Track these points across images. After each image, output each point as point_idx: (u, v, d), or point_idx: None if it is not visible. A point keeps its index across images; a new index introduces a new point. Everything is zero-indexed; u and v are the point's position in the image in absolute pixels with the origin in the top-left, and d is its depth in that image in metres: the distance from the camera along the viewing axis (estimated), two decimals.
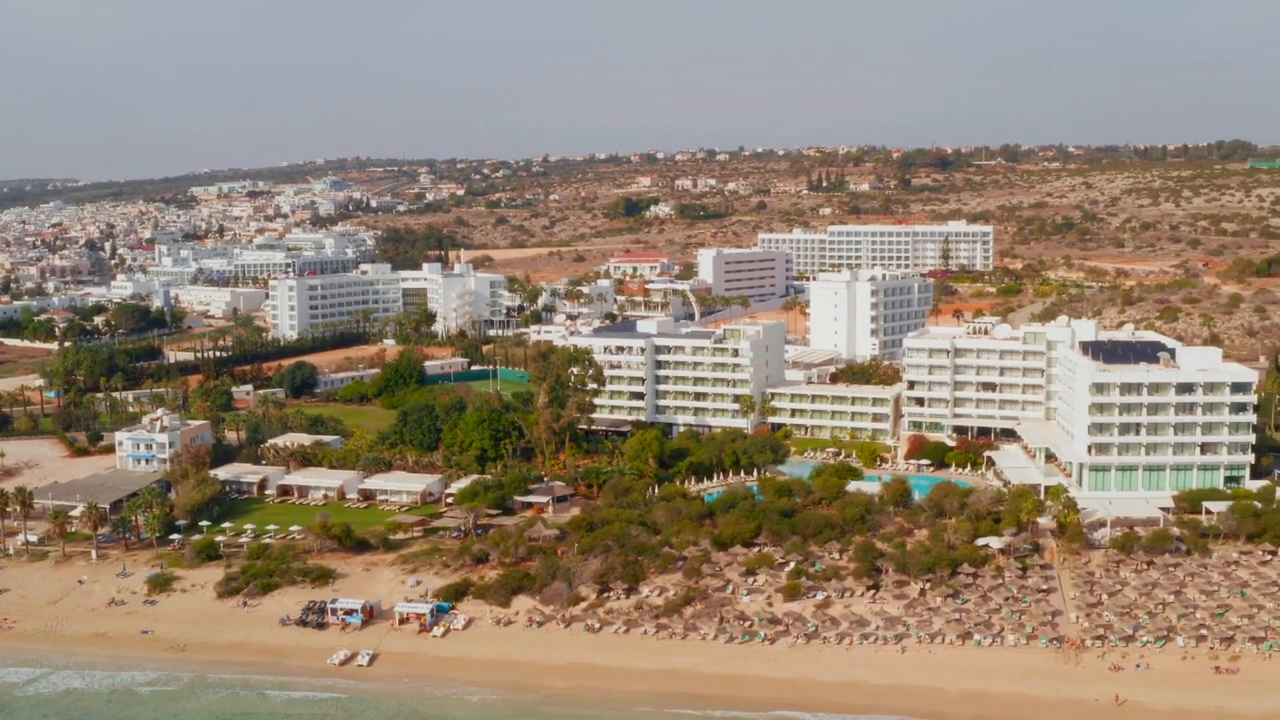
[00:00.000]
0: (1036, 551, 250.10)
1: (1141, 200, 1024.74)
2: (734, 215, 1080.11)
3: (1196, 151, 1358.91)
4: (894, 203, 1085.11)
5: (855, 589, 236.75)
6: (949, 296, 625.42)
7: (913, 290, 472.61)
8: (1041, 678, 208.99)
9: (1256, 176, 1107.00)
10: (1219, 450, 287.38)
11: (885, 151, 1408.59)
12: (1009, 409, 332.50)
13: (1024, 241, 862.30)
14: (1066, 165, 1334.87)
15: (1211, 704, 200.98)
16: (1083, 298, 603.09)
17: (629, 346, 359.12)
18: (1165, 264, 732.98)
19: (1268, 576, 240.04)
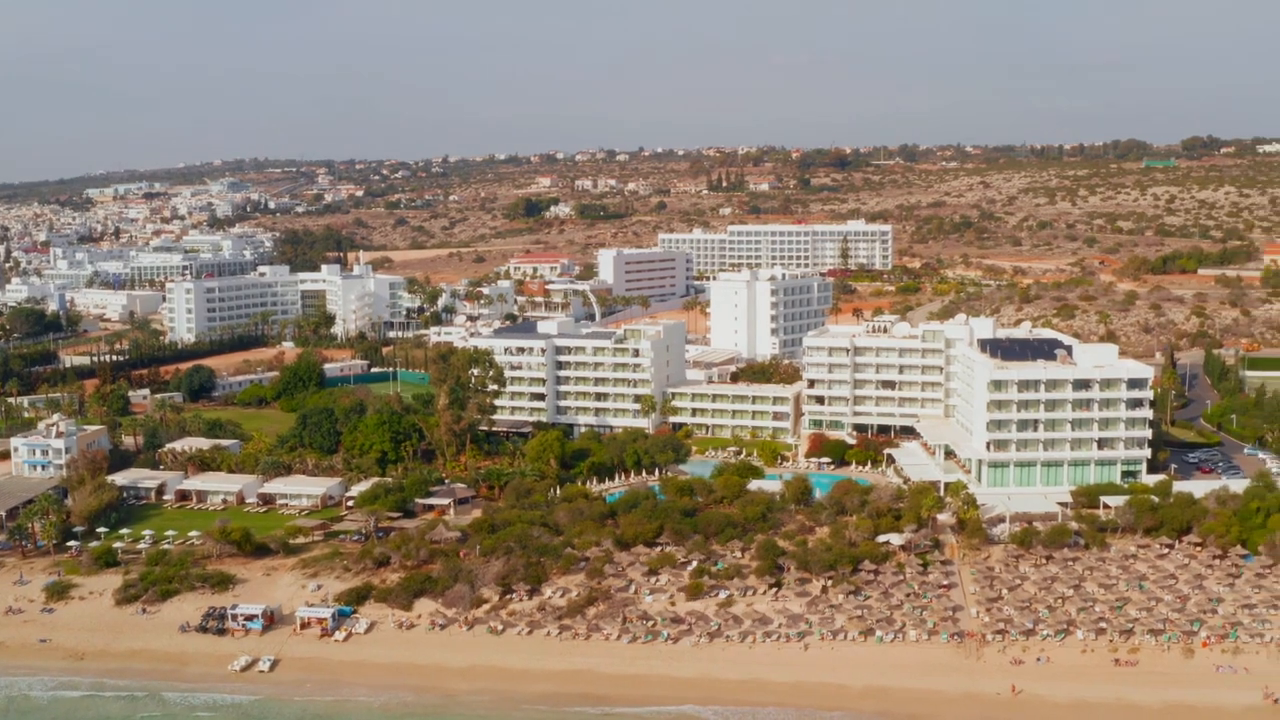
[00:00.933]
0: (937, 548, 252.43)
1: (1038, 199, 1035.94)
2: (634, 215, 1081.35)
3: (1093, 151, 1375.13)
4: (793, 202, 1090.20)
5: (758, 587, 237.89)
6: (848, 295, 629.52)
7: (812, 289, 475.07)
8: (943, 672, 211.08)
9: (1151, 175, 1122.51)
10: (1116, 445, 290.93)
11: (785, 151, 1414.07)
12: (908, 407, 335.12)
13: (922, 240, 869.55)
14: (964, 165, 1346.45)
15: (1112, 696, 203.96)
16: (980, 296, 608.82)
17: (529, 347, 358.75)
18: (1062, 262, 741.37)
19: (1165, 569, 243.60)
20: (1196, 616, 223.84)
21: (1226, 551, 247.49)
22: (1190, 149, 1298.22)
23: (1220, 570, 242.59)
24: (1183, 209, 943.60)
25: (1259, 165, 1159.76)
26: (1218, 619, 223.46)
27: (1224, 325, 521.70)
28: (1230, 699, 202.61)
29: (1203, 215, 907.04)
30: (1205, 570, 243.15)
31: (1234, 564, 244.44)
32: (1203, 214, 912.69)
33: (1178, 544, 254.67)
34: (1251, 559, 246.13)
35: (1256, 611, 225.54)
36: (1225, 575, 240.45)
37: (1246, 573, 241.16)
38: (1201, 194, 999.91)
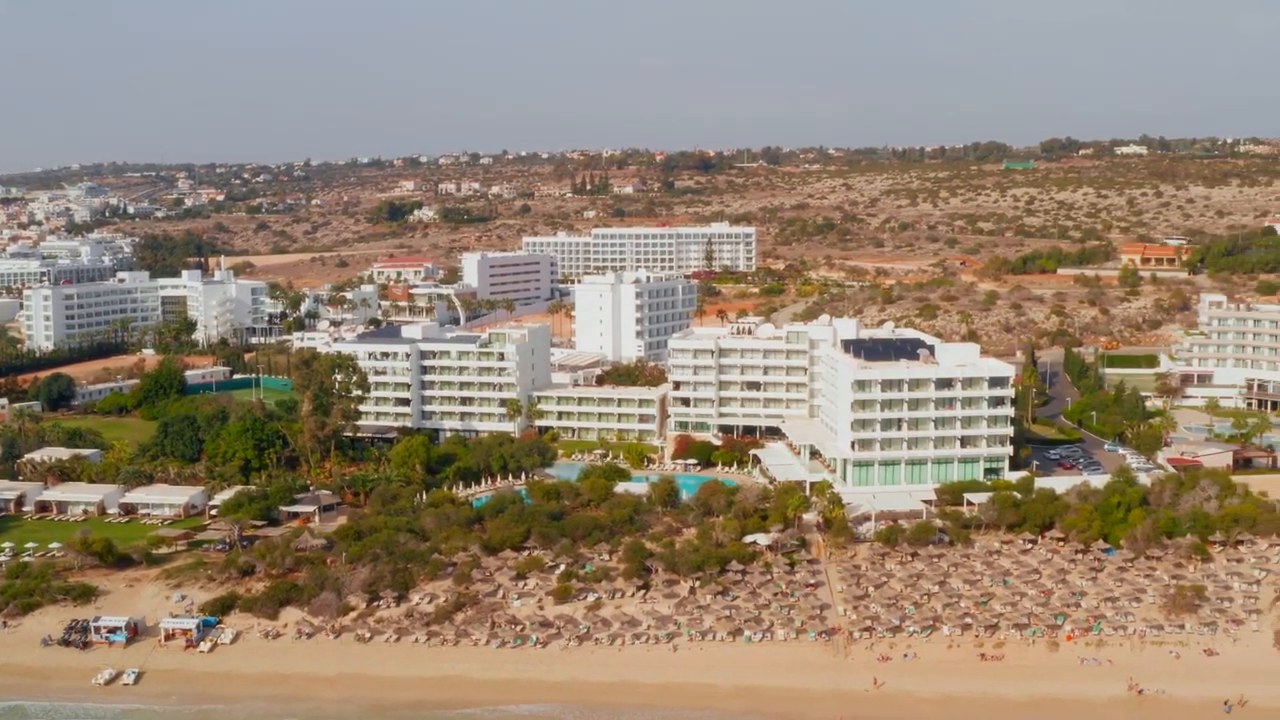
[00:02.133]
0: (803, 547, 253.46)
1: (900, 201, 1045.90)
2: (498, 219, 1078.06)
3: (953, 153, 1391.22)
4: (658, 205, 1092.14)
5: (626, 589, 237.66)
6: (713, 297, 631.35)
7: (677, 292, 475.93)
8: (811, 670, 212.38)
9: (1011, 177, 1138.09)
10: (979, 443, 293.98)
11: (649, 154, 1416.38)
12: (773, 407, 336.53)
13: (786, 242, 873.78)
14: (827, 167, 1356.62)
15: (978, 690, 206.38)
16: (844, 297, 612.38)
17: (393, 352, 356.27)
18: (924, 263, 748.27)
19: (1029, 565, 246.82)
20: (1060, 610, 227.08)
21: (1089, 546, 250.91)
22: (1049, 151, 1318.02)
23: (1083, 564, 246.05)
24: (1042, 210, 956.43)
25: (1116, 167, 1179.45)
26: (1081, 612, 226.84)
27: (1083, 324, 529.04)
28: (1095, 690, 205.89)
29: (1062, 216, 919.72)
30: (1068, 565, 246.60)
31: (1096, 558, 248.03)
32: (1062, 215, 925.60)
33: (1041, 539, 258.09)
34: (1113, 553, 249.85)
35: (1119, 604, 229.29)
36: (1088, 569, 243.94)
37: (1108, 566, 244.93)
38: (1060, 195, 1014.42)
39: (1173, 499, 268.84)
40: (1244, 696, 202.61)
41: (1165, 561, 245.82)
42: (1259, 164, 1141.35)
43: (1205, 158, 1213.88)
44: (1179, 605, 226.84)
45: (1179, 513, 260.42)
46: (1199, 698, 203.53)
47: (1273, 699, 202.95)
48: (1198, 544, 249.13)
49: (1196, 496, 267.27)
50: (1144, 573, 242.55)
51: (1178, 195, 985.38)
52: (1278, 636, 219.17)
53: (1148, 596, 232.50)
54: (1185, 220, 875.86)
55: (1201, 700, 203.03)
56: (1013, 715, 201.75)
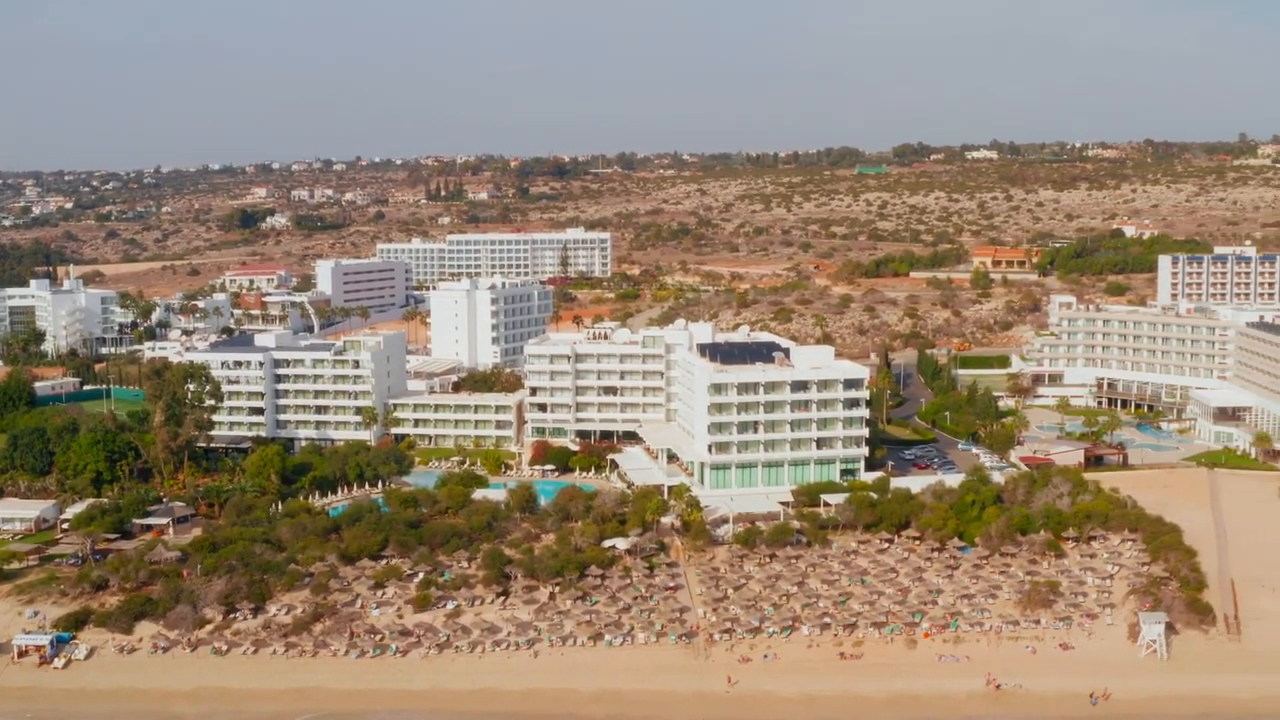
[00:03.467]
0: (662, 550, 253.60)
1: (754, 206, 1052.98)
2: (352, 226, 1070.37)
3: (807, 158, 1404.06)
4: (513, 211, 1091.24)
5: (485, 596, 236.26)
6: (569, 303, 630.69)
7: (533, 298, 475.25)
8: (673, 673, 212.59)
9: (864, 182, 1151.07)
10: (834, 444, 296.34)
11: (504, 160, 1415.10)
12: (631, 412, 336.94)
13: (641, 248, 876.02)
14: (681, 173, 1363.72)
15: (838, 689, 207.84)
16: (699, 301, 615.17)
17: (247, 361, 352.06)
18: (778, 267, 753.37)
19: (886, 564, 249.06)
20: (918, 608, 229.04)
21: (944, 544, 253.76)
22: (901, 156, 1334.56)
23: (939, 562, 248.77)
24: (894, 214, 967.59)
25: (967, 171, 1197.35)
26: (938, 610, 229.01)
27: (936, 326, 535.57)
28: (954, 686, 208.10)
29: (914, 220, 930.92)
30: (924, 563, 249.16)
31: (952, 556, 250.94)
32: (914, 219, 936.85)
33: (897, 538, 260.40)
34: (968, 550, 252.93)
35: (975, 601, 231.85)
36: (944, 567, 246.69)
37: (964, 564, 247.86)
38: (912, 199, 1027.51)
39: (1026, 496, 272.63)
40: (1108, 690, 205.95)
41: (1020, 558, 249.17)
42: (1107, 168, 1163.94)
43: (1054, 162, 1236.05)
44: (1034, 601, 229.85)
45: (1032, 510, 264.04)
46: (1055, 691, 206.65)
47: (1129, 691, 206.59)
48: (1051, 540, 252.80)
49: (1049, 494, 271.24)
50: (999, 569, 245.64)
51: (1028, 199, 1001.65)
52: (1131, 630, 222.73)
53: (1003, 593, 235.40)
54: (1035, 223, 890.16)
55: (1058, 694, 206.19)
56: (873, 712, 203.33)
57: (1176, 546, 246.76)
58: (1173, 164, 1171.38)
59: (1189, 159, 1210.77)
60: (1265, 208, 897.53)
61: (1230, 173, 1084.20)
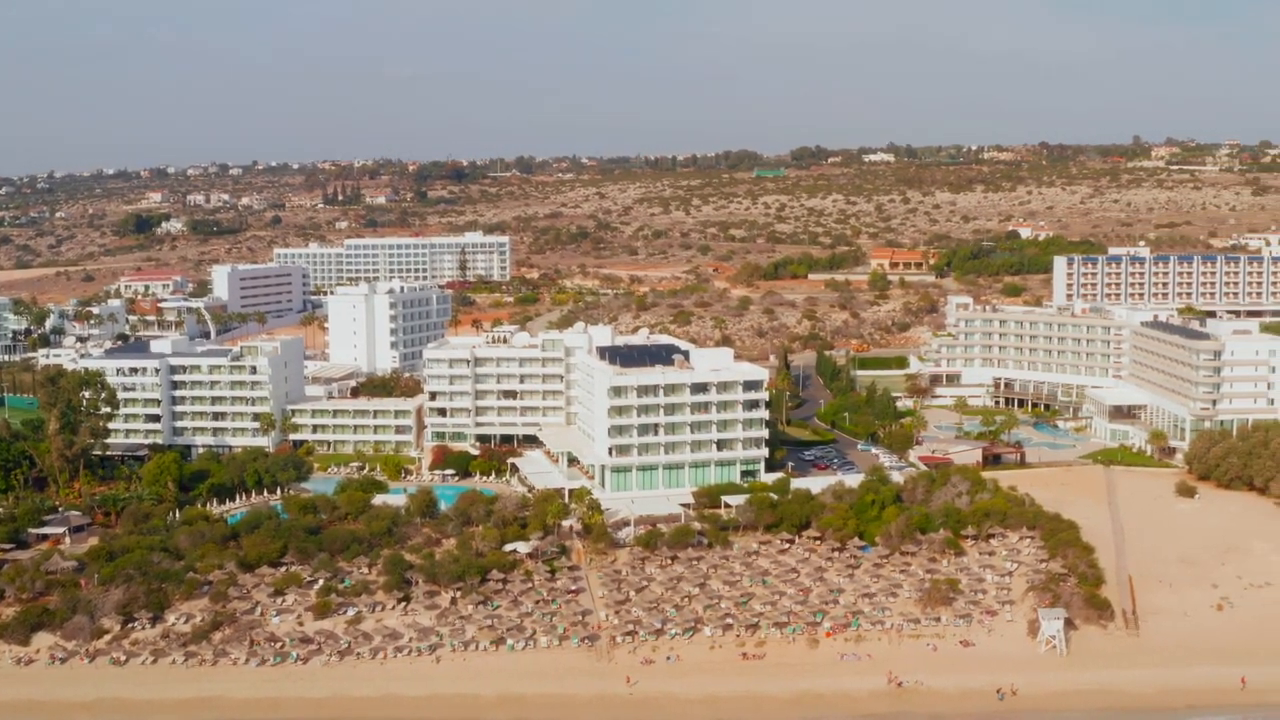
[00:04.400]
0: (564, 553, 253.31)
1: (653, 209, 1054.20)
2: (249, 230, 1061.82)
3: (705, 162, 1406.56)
4: (411, 215, 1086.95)
5: (386, 602, 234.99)
6: (468, 307, 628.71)
7: (431, 302, 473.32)
8: (576, 676, 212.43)
9: (762, 185, 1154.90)
10: (735, 446, 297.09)
11: (401, 164, 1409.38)
12: (531, 415, 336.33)
13: (540, 251, 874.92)
14: (580, 176, 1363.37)
15: (741, 689, 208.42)
16: (599, 305, 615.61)
17: (142, 367, 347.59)
18: (677, 270, 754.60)
19: (787, 564, 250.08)
20: (819, 608, 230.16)
21: (845, 544, 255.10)
22: (799, 159, 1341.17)
23: (840, 562, 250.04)
24: (793, 217, 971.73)
25: (864, 174, 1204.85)
26: (839, 609, 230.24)
27: (834, 327, 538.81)
28: (856, 685, 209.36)
29: (812, 222, 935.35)
30: (825, 563, 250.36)
31: (852, 555, 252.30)
32: (812, 221, 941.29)
33: (798, 539, 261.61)
34: (869, 549, 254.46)
35: (876, 600, 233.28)
36: (844, 567, 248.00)
37: (865, 563, 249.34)
38: (810, 202, 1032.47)
39: (925, 496, 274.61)
40: (1015, 686, 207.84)
41: (920, 557, 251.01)
42: (1002, 170, 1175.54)
43: (951, 164, 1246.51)
44: (934, 599, 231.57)
45: (931, 509, 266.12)
46: (957, 688, 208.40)
47: (1030, 686, 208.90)
48: (950, 539, 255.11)
49: (948, 493, 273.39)
50: (899, 568, 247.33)
51: (924, 201, 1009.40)
52: (1031, 626, 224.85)
53: (904, 591, 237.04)
54: (932, 225, 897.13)
55: (959, 690, 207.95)
56: (775, 712, 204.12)
57: (1074, 543, 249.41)
58: (1068, 166, 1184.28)
59: (1084, 161, 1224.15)
60: (1158, 209, 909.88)
61: (1124, 175, 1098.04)
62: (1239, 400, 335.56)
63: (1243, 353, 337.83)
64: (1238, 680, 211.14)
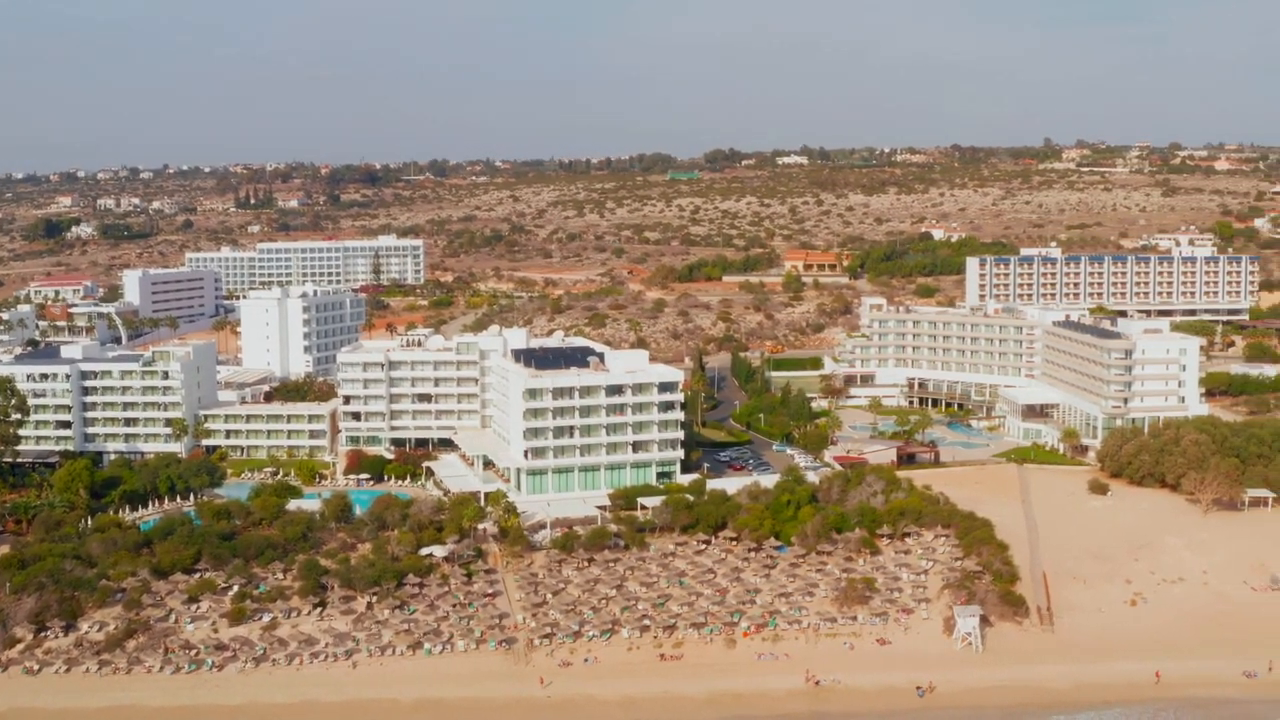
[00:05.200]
0: (480, 557, 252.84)
1: (568, 212, 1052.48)
2: (160, 235, 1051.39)
3: (620, 164, 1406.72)
4: (324, 218, 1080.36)
5: (302, 608, 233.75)
6: (382, 311, 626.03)
7: (345, 306, 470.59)
8: (494, 680, 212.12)
9: (676, 187, 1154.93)
10: (650, 448, 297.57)
11: (314, 168, 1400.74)
12: (446, 419, 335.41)
13: (454, 254, 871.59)
14: (494, 179, 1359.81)
15: (659, 690, 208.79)
16: (513, 308, 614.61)
17: (53, 373, 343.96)
18: (592, 272, 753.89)
19: (704, 565, 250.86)
20: (736, 608, 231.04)
21: (761, 544, 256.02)
22: (713, 162, 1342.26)
23: (756, 562, 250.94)
24: (707, 219, 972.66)
25: (778, 176, 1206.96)
26: (756, 609, 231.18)
27: (749, 329, 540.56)
28: (773, 684, 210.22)
29: (726, 225, 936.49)
30: (742, 563, 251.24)
31: (769, 555, 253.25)
32: (726, 223, 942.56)
33: (714, 539, 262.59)
34: (785, 549, 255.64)
35: (793, 599, 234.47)
36: (761, 567, 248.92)
37: (781, 563, 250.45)
38: (724, 204, 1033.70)
39: (840, 495, 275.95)
40: (933, 683, 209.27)
41: (836, 556, 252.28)
42: (915, 172, 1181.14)
43: (864, 167, 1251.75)
44: (850, 598, 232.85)
45: (847, 508, 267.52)
46: (874, 686, 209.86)
47: (946, 683, 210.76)
48: (866, 538, 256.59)
49: (863, 492, 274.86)
50: (815, 568, 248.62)
51: (838, 203, 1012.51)
52: (947, 624, 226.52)
53: (820, 591, 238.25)
54: (845, 227, 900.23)
55: (877, 688, 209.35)
56: (693, 712, 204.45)
57: (989, 541, 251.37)
58: (979, 168, 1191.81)
59: (995, 164, 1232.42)
60: (1069, 210, 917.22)
61: (1035, 176, 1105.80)
62: (1150, 398, 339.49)
63: (1153, 351, 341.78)
64: (1152, 675, 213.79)
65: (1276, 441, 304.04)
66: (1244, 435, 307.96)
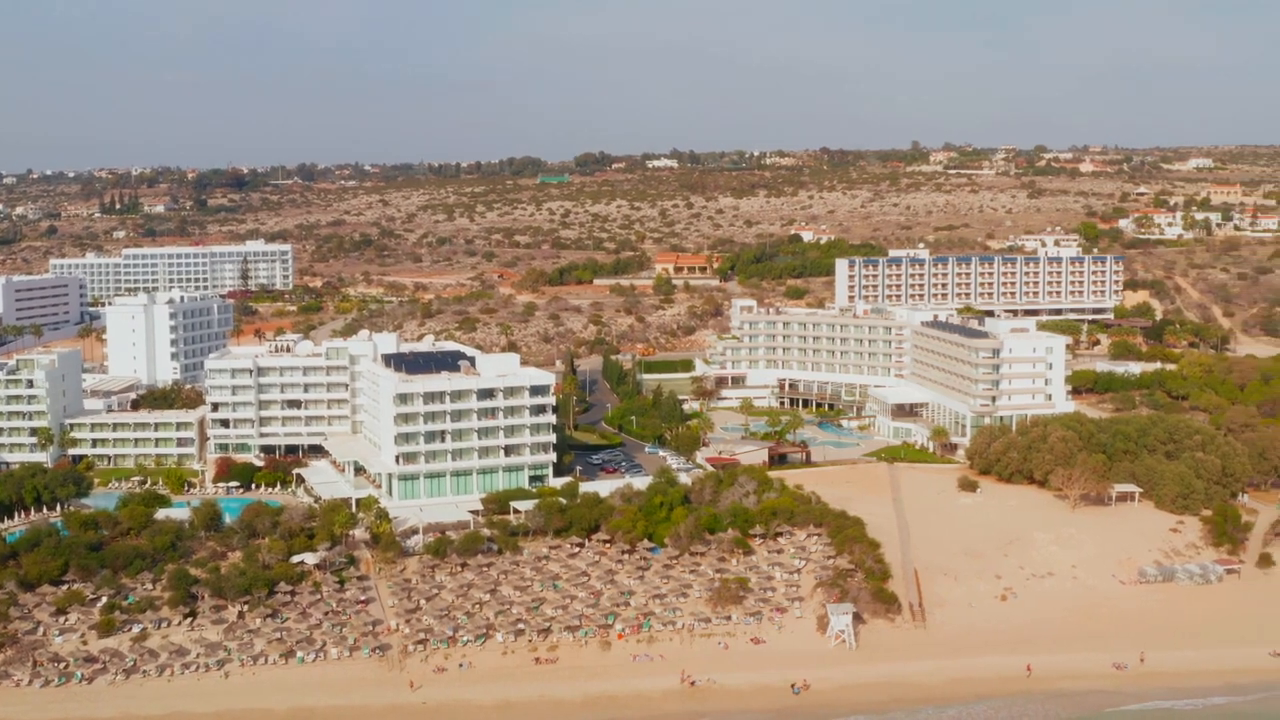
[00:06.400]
0: (352, 564, 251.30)
1: (437, 216, 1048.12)
2: (23, 241, 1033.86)
3: (489, 168, 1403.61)
4: (191, 224, 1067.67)
5: (172, 618, 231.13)
6: (250, 317, 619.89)
7: (213, 311, 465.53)
8: (368, 687, 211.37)
9: (546, 191, 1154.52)
10: (523, 451, 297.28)
11: (180, 172, 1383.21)
12: (316, 425, 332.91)
13: (323, 259, 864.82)
14: (363, 184, 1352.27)
15: (535, 694, 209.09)
16: (383, 312, 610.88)
17: None
18: (462, 276, 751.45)
19: (577, 568, 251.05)
20: (611, 610, 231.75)
21: (634, 546, 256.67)
22: (583, 165, 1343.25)
23: (630, 564, 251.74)
24: (577, 222, 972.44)
25: (648, 179, 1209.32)
26: (631, 611, 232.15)
27: (620, 332, 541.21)
28: (649, 685, 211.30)
29: (597, 228, 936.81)
30: (615, 565, 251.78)
31: (642, 557, 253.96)
32: (597, 227, 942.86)
33: (588, 542, 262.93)
34: (658, 551, 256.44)
35: (667, 600, 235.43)
36: (635, 569, 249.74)
37: (655, 565, 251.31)
38: (595, 208, 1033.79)
39: (713, 496, 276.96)
40: (807, 680, 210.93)
41: (709, 556, 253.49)
42: (785, 175, 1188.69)
43: (734, 170, 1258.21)
44: (724, 598, 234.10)
45: (720, 509, 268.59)
46: (749, 685, 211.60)
47: (820, 681, 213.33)
48: (739, 538, 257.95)
49: (735, 493, 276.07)
50: (689, 569, 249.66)
51: (708, 206, 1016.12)
52: (820, 622, 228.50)
53: (694, 591, 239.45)
54: (716, 230, 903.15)
55: (752, 687, 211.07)
56: (570, 715, 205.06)
57: (860, 539, 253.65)
58: (848, 171, 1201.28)
59: (864, 166, 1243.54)
60: (937, 212, 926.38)
61: (903, 179, 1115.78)
62: (1018, 396, 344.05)
63: (1020, 350, 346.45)
64: (1023, 668, 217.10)
65: (1142, 437, 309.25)
66: (1110, 432, 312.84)
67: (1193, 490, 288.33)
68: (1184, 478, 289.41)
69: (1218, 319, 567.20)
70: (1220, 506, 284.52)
